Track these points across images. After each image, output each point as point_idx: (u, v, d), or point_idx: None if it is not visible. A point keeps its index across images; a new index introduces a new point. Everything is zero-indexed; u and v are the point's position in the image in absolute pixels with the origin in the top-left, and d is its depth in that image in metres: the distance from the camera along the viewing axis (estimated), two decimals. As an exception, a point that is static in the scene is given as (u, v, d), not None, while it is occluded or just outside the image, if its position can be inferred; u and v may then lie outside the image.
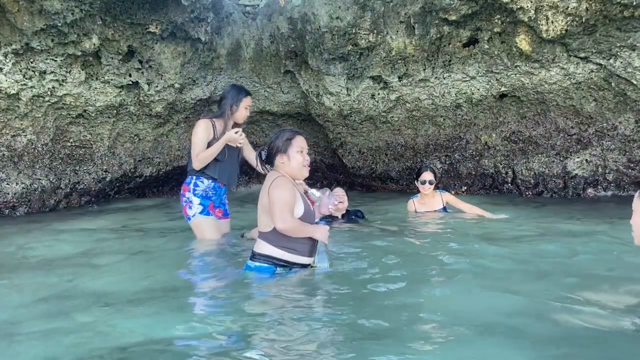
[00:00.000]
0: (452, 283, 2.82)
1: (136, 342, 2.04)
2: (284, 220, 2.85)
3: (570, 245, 3.76)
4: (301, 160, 3.04)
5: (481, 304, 2.42)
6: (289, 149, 3.03)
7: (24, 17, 5.78)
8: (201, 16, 7.17)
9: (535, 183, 7.28)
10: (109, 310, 2.45)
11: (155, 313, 2.41)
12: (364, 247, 3.82)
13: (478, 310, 2.33)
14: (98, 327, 2.23)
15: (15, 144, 6.57)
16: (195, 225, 4.02)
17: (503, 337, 2.04)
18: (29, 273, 3.27)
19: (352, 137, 8.49)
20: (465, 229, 4.60)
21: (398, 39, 6.97)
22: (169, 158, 8.46)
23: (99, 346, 2.02)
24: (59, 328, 2.23)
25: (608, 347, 1.93)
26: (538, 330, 2.10)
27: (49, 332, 2.18)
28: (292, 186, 2.98)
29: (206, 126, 3.93)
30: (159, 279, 3.07)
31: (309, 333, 2.09)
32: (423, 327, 2.15)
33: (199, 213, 3.96)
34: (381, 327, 2.12)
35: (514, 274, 2.96)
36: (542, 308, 2.32)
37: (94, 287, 2.90)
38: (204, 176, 3.96)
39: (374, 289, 2.71)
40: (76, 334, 2.17)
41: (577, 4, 5.50)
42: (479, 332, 2.06)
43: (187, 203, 3.98)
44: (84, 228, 5.25)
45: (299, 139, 3.09)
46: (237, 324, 2.24)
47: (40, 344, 2.07)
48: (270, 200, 2.90)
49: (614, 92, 6.23)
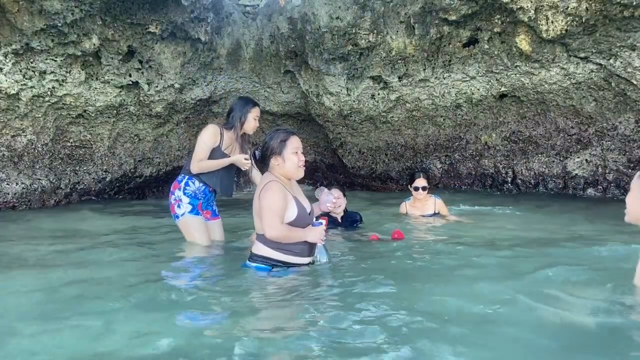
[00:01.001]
0: (450, 283, 2.82)
1: (135, 342, 2.04)
2: (272, 227, 2.86)
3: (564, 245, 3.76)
4: (296, 161, 3.01)
5: (476, 304, 2.42)
6: (283, 150, 3.00)
7: (24, 17, 5.78)
8: (201, 16, 7.17)
9: (535, 183, 7.28)
10: (108, 311, 2.46)
11: (152, 312, 2.41)
12: (360, 250, 3.82)
13: (471, 310, 2.34)
14: (95, 328, 2.23)
15: (15, 144, 6.57)
16: (183, 224, 3.94)
17: (500, 337, 2.04)
18: (29, 272, 3.28)
19: (352, 137, 8.50)
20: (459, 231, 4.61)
21: (398, 39, 6.97)
22: (169, 158, 8.46)
23: (97, 346, 2.03)
24: (56, 329, 2.23)
25: (598, 344, 1.95)
26: (530, 329, 2.10)
27: (46, 333, 2.18)
28: (283, 190, 2.94)
29: (214, 132, 3.88)
30: (157, 279, 3.07)
31: (303, 333, 2.09)
32: (418, 327, 2.15)
33: (188, 212, 3.91)
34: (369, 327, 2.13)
35: (512, 274, 2.97)
36: (535, 307, 2.33)
37: (93, 286, 2.90)
38: (198, 179, 3.92)
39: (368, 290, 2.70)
40: (74, 334, 2.17)
41: (577, 4, 5.50)
42: (473, 332, 2.06)
43: (177, 201, 3.92)
44: (84, 228, 5.25)
45: (294, 140, 3.05)
46: (233, 324, 2.24)
47: (36, 345, 2.07)
48: (260, 206, 2.91)
49: (614, 92, 6.23)
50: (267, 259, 2.99)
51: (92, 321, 2.31)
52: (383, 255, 3.62)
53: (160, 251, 4.00)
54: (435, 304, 2.43)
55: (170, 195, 4.00)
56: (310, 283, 2.86)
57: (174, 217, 4.01)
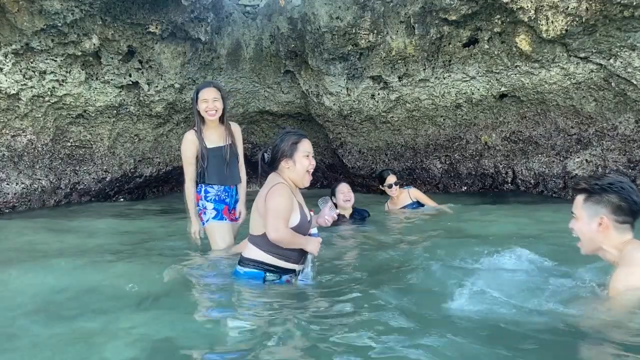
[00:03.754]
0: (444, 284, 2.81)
1: (133, 342, 2.04)
2: (276, 229, 2.77)
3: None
4: (307, 164, 2.93)
5: (470, 305, 2.41)
6: (294, 153, 2.92)
7: (24, 17, 5.78)
8: (201, 16, 7.17)
9: (535, 183, 7.28)
10: (107, 311, 2.46)
11: (149, 314, 2.41)
12: (352, 255, 3.83)
13: (464, 313, 2.33)
14: (96, 327, 2.23)
15: (15, 144, 6.57)
16: (208, 230, 3.93)
17: (497, 337, 2.04)
18: (29, 272, 3.27)
19: (352, 137, 8.49)
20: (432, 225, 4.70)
21: (398, 39, 6.97)
22: (169, 158, 8.46)
23: (96, 347, 2.03)
24: (56, 328, 2.24)
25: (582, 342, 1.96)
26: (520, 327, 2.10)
27: (46, 334, 2.18)
28: (291, 194, 2.88)
29: (188, 140, 3.87)
30: (154, 280, 3.06)
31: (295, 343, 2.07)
32: (411, 329, 2.14)
33: (212, 218, 3.91)
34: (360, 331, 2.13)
35: (507, 272, 2.96)
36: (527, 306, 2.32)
37: (92, 286, 2.90)
38: (208, 185, 3.92)
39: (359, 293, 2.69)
40: (74, 334, 2.17)
41: (577, 4, 5.50)
42: (468, 334, 2.06)
43: (202, 210, 3.94)
44: (84, 228, 5.24)
45: (305, 143, 2.97)
46: (225, 332, 2.23)
47: (36, 345, 2.07)
48: (266, 206, 2.82)
49: (614, 92, 6.22)
50: (259, 264, 2.89)
51: (92, 321, 2.31)
52: (380, 253, 3.62)
53: (161, 251, 4.00)
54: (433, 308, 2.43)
55: (197, 206, 4.02)
56: (301, 294, 2.81)
57: (202, 224, 4.00)
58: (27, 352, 2.01)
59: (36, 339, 2.14)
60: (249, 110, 8.90)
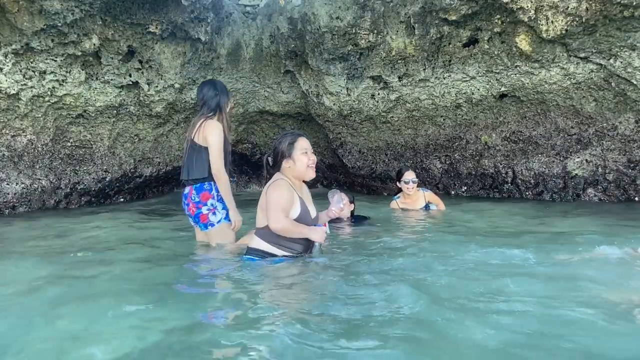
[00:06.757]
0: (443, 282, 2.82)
1: (132, 343, 2.05)
2: (277, 220, 2.96)
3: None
4: (306, 160, 3.12)
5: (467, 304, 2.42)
6: (293, 152, 3.12)
7: (24, 17, 5.78)
8: (201, 16, 7.17)
9: (535, 183, 7.28)
10: (110, 307, 2.46)
11: (154, 308, 2.42)
12: (361, 245, 3.82)
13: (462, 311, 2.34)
14: (95, 327, 2.23)
15: (15, 144, 6.57)
16: (220, 230, 3.84)
17: (496, 339, 2.05)
18: (29, 272, 3.28)
19: (352, 137, 8.50)
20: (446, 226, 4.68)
21: (398, 39, 6.98)
22: (169, 158, 8.47)
23: (100, 343, 2.03)
24: (56, 330, 2.24)
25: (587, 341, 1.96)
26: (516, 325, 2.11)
27: (46, 334, 2.19)
28: (290, 189, 3.06)
29: (220, 129, 3.97)
30: (154, 278, 3.08)
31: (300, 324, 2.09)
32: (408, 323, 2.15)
33: (224, 219, 3.90)
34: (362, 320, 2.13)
35: (506, 273, 2.96)
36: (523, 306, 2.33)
37: (91, 285, 2.91)
38: (213, 182, 3.88)
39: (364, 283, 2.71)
40: (74, 334, 2.17)
41: (577, 4, 5.51)
42: (463, 332, 2.07)
43: (212, 209, 3.85)
44: (84, 228, 5.25)
45: (302, 141, 3.17)
46: (233, 312, 2.25)
47: (35, 346, 2.07)
48: (267, 200, 3.02)
49: (614, 92, 6.23)
50: (262, 252, 3.07)
51: (92, 321, 2.31)
52: (388, 250, 3.62)
53: (162, 251, 4.00)
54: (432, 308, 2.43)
55: (199, 206, 3.89)
56: (306, 271, 2.88)
57: (210, 225, 3.90)
58: (27, 351, 2.01)
59: (34, 337, 2.14)
60: (248, 110, 8.91)
